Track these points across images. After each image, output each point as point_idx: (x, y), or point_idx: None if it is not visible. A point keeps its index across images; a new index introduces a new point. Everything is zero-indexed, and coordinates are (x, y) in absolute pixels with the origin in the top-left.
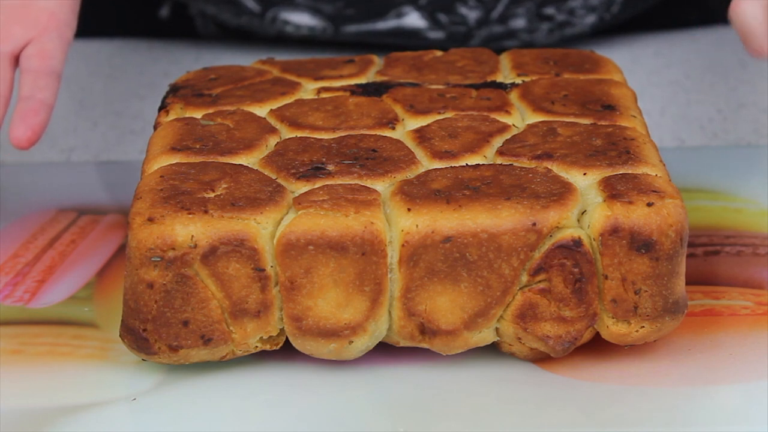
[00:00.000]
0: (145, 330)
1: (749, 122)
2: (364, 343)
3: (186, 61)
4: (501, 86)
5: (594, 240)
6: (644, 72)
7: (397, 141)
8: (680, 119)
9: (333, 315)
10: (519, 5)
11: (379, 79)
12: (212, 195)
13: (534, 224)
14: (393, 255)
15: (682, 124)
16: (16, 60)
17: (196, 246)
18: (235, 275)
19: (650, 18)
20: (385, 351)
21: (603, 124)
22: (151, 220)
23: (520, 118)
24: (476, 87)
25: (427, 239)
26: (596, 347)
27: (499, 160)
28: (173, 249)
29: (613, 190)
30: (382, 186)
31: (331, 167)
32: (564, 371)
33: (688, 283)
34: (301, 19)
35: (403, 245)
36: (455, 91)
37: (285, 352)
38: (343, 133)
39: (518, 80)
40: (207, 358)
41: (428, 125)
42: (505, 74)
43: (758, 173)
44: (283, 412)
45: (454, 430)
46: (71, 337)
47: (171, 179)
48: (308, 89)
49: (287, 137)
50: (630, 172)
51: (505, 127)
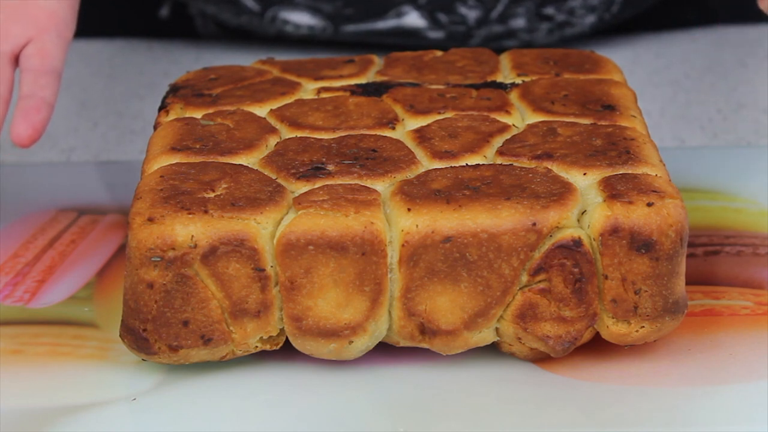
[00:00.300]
0: (145, 330)
1: (749, 122)
2: (364, 343)
3: (186, 61)
4: (501, 86)
5: (594, 240)
6: (644, 72)
7: (397, 141)
8: (680, 119)
9: (333, 315)
10: (519, 5)
11: (379, 79)
12: (212, 195)
13: (534, 224)
14: (393, 255)
15: (682, 124)
16: (16, 59)
17: (196, 246)
18: (235, 275)
19: (650, 18)
20: (385, 351)
21: (603, 124)
22: (151, 220)
23: (520, 118)
24: (476, 87)
25: (427, 239)
26: (596, 347)
27: (499, 160)
28: (173, 249)
29: (613, 190)
30: (382, 186)
31: (331, 167)
32: (564, 371)
33: (688, 283)
34: (301, 19)
35: (403, 245)
36: (455, 91)
37: (285, 352)
38: (343, 133)
39: (518, 80)
40: (207, 358)
41: (428, 125)
42: (505, 74)
43: (758, 173)
44: (283, 412)
45: (454, 430)
46: (71, 337)
47: (171, 179)
48: (308, 89)
49: (287, 137)
50: (630, 172)
51: (505, 127)
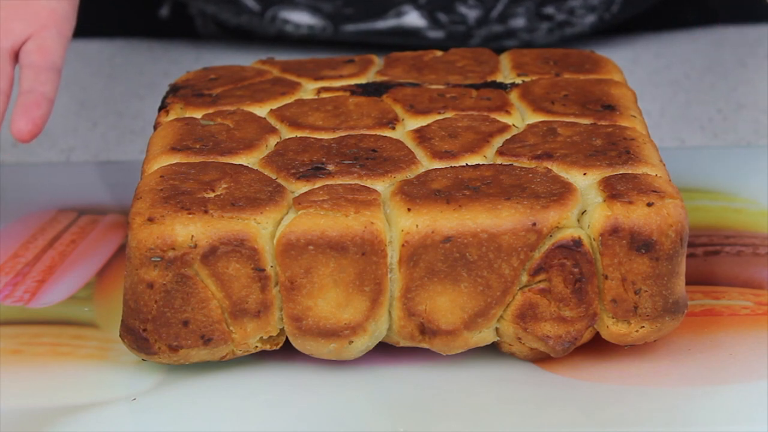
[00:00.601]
0: (145, 330)
1: (749, 122)
2: (364, 343)
3: (186, 61)
4: (501, 86)
5: (594, 240)
6: (644, 72)
7: (397, 141)
8: (680, 119)
9: (333, 315)
10: (519, 5)
11: (379, 79)
12: (212, 195)
13: (534, 224)
14: (393, 255)
15: (682, 124)
16: (16, 56)
17: (196, 246)
18: (235, 275)
19: (650, 18)
20: (385, 351)
21: (603, 124)
22: (151, 220)
23: (520, 118)
24: (476, 87)
25: (427, 239)
26: (596, 347)
27: (499, 160)
28: (173, 249)
29: (613, 190)
30: (382, 186)
31: (331, 167)
32: (564, 371)
33: (688, 283)
34: (301, 18)
35: (403, 245)
36: (455, 91)
37: (285, 352)
38: (343, 133)
39: (518, 80)
40: (207, 358)
41: (428, 125)
42: (505, 74)
43: (758, 173)
44: (283, 412)
45: (454, 430)
46: (71, 337)
47: (171, 179)
48: (308, 89)
49: (287, 137)
50: (630, 172)
51: (505, 127)
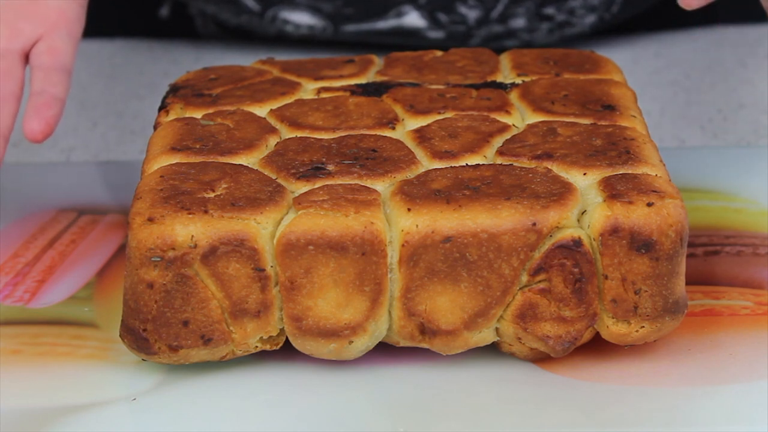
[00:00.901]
0: (145, 330)
1: (749, 122)
2: (364, 343)
3: (186, 61)
4: (501, 86)
5: (594, 240)
6: (644, 72)
7: (397, 141)
8: (680, 119)
9: (333, 315)
10: (519, 5)
11: (379, 79)
12: (212, 195)
13: (534, 224)
14: (393, 255)
15: (682, 124)
16: (27, 57)
17: (196, 246)
18: (235, 275)
19: (650, 18)
20: (385, 351)
21: (603, 124)
22: (151, 220)
23: (520, 118)
24: (476, 87)
25: (427, 239)
26: (596, 347)
27: (499, 160)
28: (173, 249)
29: (613, 190)
30: (382, 186)
31: (331, 167)
32: (564, 371)
33: (688, 283)
34: (301, 18)
35: (403, 245)
36: (455, 91)
37: (285, 352)
38: (343, 133)
39: (518, 80)
40: (207, 358)
41: (428, 125)
42: (505, 74)
43: (758, 173)
44: (283, 412)
45: (454, 430)
46: (71, 337)
47: (171, 179)
48: (308, 89)
49: (287, 137)
50: (630, 172)
51: (505, 127)
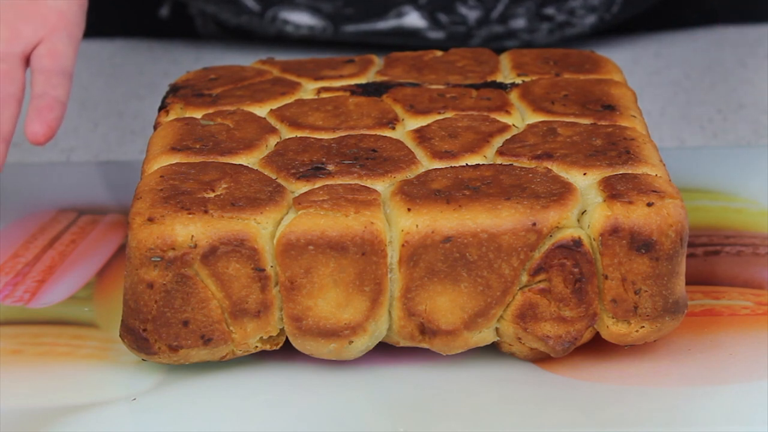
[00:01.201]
0: (145, 330)
1: (749, 122)
2: (364, 343)
3: (186, 61)
4: (501, 86)
5: (594, 240)
6: (644, 72)
7: (397, 141)
8: (680, 119)
9: (333, 315)
10: (519, 5)
11: (379, 79)
12: (212, 195)
13: (534, 224)
14: (393, 255)
15: (682, 124)
16: (27, 60)
17: (196, 246)
18: (235, 275)
19: (650, 18)
20: (385, 351)
21: (603, 124)
22: (151, 220)
23: (520, 118)
24: (476, 87)
25: (427, 239)
26: (596, 347)
27: (499, 160)
28: (173, 249)
29: (613, 190)
30: (382, 186)
31: (331, 167)
32: (564, 371)
33: (688, 283)
34: (301, 19)
35: (403, 245)
36: (455, 91)
37: (285, 352)
38: (343, 133)
39: (518, 80)
40: (207, 358)
41: (428, 125)
42: (505, 74)
43: (758, 173)
44: (283, 412)
45: (454, 430)
46: (71, 337)
47: (171, 179)
48: (308, 89)
49: (287, 137)
50: (630, 172)
51: (505, 127)
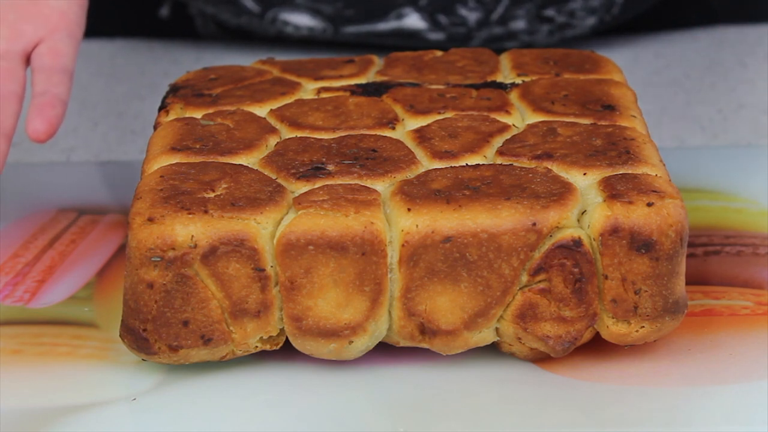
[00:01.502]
0: (145, 330)
1: (749, 122)
2: (364, 343)
3: (186, 61)
4: (501, 86)
5: (594, 240)
6: (644, 72)
7: (397, 141)
8: (680, 119)
9: (333, 315)
10: (519, 7)
11: (379, 79)
12: (212, 195)
13: (534, 224)
14: (393, 255)
15: (682, 124)
16: (28, 59)
17: (196, 246)
18: (235, 275)
19: (650, 18)
20: (385, 351)
21: (603, 124)
22: (151, 220)
23: (520, 118)
24: (476, 87)
25: (427, 239)
26: (596, 347)
27: (499, 160)
28: (173, 249)
29: (613, 190)
30: (382, 186)
31: (331, 167)
32: (564, 371)
33: (688, 283)
34: (301, 20)
35: (403, 245)
36: (455, 91)
37: (285, 352)
38: (343, 133)
39: (518, 80)
40: (207, 358)
41: (428, 125)
42: (505, 74)
43: (758, 173)
44: (283, 412)
45: (454, 430)
46: (71, 337)
47: (171, 179)
48: (308, 89)
49: (287, 137)
50: (630, 172)
51: (505, 127)
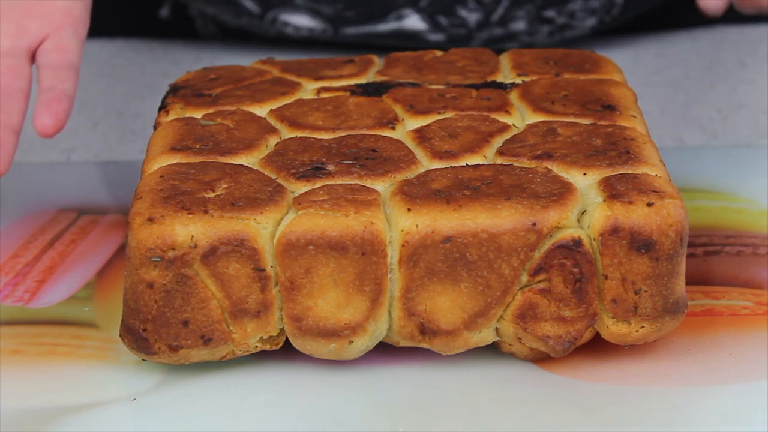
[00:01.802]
0: (145, 330)
1: (749, 122)
2: (364, 343)
3: (186, 61)
4: (501, 86)
5: (594, 240)
6: (644, 72)
7: (397, 141)
8: (680, 119)
9: (333, 315)
10: (519, 8)
11: (379, 79)
12: (212, 195)
13: (534, 224)
14: (393, 255)
15: (682, 124)
16: (33, 56)
17: (196, 246)
18: (235, 275)
19: (650, 18)
20: (385, 351)
21: (603, 124)
22: (151, 220)
23: (520, 118)
24: (476, 87)
25: (427, 239)
26: (596, 347)
27: (499, 160)
28: (173, 249)
29: (613, 190)
30: (382, 186)
31: (331, 167)
32: (564, 371)
33: (688, 283)
34: (301, 21)
35: (403, 245)
36: (455, 91)
37: (285, 352)
38: (343, 133)
39: (518, 80)
40: (207, 358)
41: (428, 125)
42: (505, 74)
43: (758, 173)
44: (283, 412)
45: (454, 430)
46: (71, 337)
47: (171, 179)
48: (308, 89)
49: (287, 137)
50: (630, 172)
51: (505, 127)
